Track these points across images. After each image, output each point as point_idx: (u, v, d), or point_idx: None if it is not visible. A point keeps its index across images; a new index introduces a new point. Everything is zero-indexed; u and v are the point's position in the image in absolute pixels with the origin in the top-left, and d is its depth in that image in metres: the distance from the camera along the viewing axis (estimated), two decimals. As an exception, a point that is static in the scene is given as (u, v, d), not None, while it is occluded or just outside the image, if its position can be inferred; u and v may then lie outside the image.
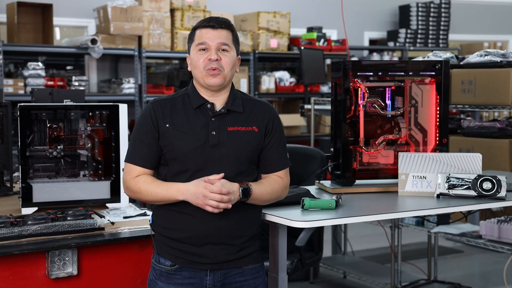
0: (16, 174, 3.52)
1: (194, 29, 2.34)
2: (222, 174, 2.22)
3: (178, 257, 2.28)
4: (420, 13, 9.35)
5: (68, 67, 7.49)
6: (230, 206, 2.21)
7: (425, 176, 2.97)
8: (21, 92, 6.24)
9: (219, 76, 2.28)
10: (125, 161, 2.35)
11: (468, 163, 3.02)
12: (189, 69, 2.36)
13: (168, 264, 2.29)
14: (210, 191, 2.17)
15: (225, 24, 2.32)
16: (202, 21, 2.33)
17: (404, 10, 9.50)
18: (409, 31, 9.24)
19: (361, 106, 3.12)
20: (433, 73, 3.19)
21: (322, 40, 8.08)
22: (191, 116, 2.29)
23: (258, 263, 2.38)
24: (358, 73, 3.11)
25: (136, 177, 2.29)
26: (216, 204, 2.17)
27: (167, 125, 2.27)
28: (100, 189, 2.96)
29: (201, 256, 2.27)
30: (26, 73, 6.33)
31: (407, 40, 9.23)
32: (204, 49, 2.29)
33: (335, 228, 5.21)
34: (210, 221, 2.24)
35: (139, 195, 2.30)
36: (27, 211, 2.81)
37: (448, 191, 2.91)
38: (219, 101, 2.32)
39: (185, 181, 2.25)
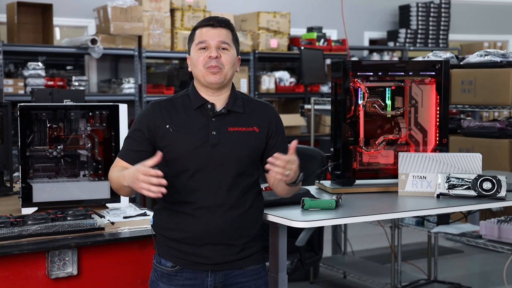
0: (16, 174, 3.52)
1: (194, 29, 2.35)
2: (159, 153, 2.11)
3: (179, 258, 2.27)
4: (420, 13, 9.35)
5: (68, 67, 7.49)
6: (164, 190, 2.04)
7: (425, 176, 2.97)
8: (21, 92, 6.23)
9: (219, 73, 2.27)
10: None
11: (468, 163, 3.01)
12: (189, 69, 2.36)
13: (169, 265, 2.29)
14: (140, 173, 2.05)
15: (225, 23, 2.32)
16: (201, 21, 2.34)
17: (404, 10, 9.50)
18: (409, 31, 9.24)
19: (361, 106, 3.12)
20: (433, 73, 3.19)
21: (322, 40, 8.08)
22: (191, 116, 2.29)
23: (259, 264, 2.37)
24: (358, 73, 3.11)
25: (113, 167, 2.32)
26: (146, 186, 2.04)
27: (167, 126, 2.27)
28: (100, 189, 2.96)
29: (202, 256, 2.26)
30: (26, 73, 6.33)
31: (407, 40, 9.22)
32: (204, 48, 2.28)
33: (335, 228, 5.21)
34: (211, 221, 2.23)
35: (111, 184, 2.31)
36: (27, 211, 2.81)
37: (448, 191, 2.90)
38: (219, 101, 2.32)
39: (186, 181, 2.24)
